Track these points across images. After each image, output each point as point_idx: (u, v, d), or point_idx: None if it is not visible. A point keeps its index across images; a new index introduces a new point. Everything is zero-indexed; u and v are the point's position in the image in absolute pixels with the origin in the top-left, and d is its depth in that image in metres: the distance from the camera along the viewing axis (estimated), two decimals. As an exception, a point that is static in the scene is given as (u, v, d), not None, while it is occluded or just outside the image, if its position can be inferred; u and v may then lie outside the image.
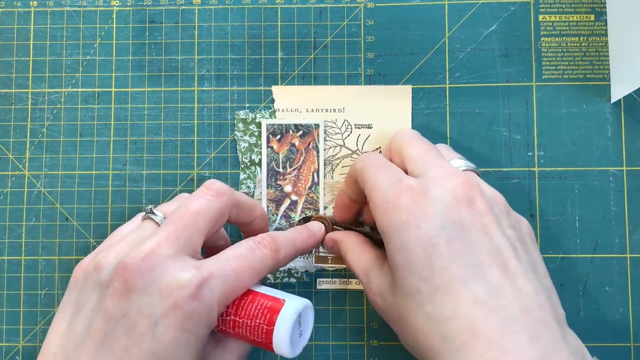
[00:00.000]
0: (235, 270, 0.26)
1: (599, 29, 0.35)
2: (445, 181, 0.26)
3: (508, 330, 0.22)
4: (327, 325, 0.34)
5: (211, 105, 0.36)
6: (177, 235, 0.26)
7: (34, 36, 0.37)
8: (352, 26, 0.36)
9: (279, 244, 0.28)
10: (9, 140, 0.36)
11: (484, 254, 0.24)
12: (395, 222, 0.25)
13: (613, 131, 0.35)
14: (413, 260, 0.24)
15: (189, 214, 0.27)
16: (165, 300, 0.24)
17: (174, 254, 0.25)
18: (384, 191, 0.26)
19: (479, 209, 0.25)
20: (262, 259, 0.27)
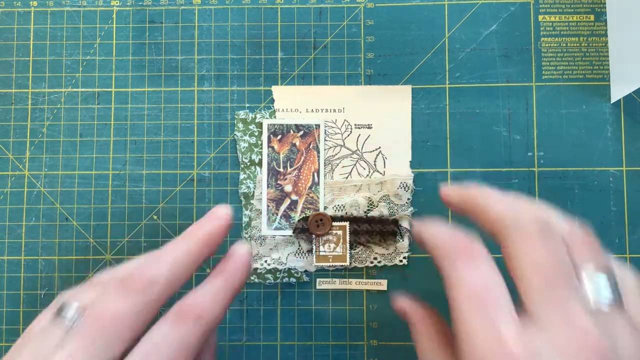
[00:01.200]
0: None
1: (599, 29, 0.35)
2: (568, 347, 0.19)
3: None
4: (327, 325, 0.34)
5: (211, 105, 0.36)
6: (86, 349, 0.21)
7: (34, 36, 0.37)
8: (352, 26, 0.36)
9: (199, 307, 0.23)
10: (9, 140, 0.36)
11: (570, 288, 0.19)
12: None
13: (613, 131, 0.35)
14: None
15: (97, 320, 0.21)
16: None
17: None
18: (474, 346, 0.19)
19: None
20: (186, 336, 0.22)
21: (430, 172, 0.35)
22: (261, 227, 0.35)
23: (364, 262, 0.35)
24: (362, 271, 0.35)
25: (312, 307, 0.35)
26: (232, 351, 0.34)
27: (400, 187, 0.35)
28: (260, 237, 0.35)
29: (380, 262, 0.34)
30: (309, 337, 0.34)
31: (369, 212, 0.35)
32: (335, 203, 0.35)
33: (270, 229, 0.35)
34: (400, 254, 0.34)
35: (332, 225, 0.34)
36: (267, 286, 0.35)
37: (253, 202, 0.35)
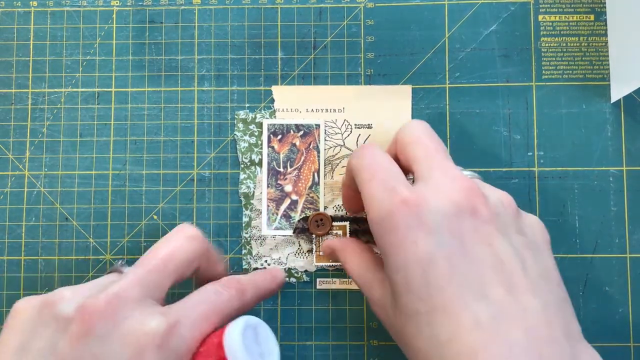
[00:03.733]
0: (202, 314, 0.25)
1: (599, 29, 0.35)
2: (447, 188, 0.24)
3: (509, 356, 0.20)
4: (327, 325, 0.34)
5: (211, 105, 0.36)
6: (144, 278, 0.24)
7: (34, 36, 0.37)
8: (352, 26, 0.36)
9: (245, 285, 0.27)
10: (9, 140, 0.36)
11: (486, 269, 0.22)
12: (392, 241, 0.23)
13: (613, 131, 0.35)
14: (411, 280, 0.23)
15: (157, 257, 0.25)
16: (128, 349, 0.22)
17: (140, 299, 0.24)
18: (378, 206, 0.24)
19: (482, 217, 0.23)
20: (229, 301, 0.26)
21: (430, 172, 0.35)
22: (261, 227, 0.35)
23: (364, 262, 0.35)
24: (362, 271, 0.35)
25: (312, 307, 0.35)
26: (232, 351, 0.34)
27: (400, 187, 0.35)
28: (260, 237, 0.35)
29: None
30: (309, 337, 0.34)
31: (369, 212, 0.35)
32: (335, 203, 0.35)
33: (271, 229, 0.35)
34: (400, 254, 0.34)
35: (333, 225, 0.34)
36: None
37: (253, 202, 0.35)
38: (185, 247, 0.26)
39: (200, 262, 0.27)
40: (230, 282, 0.27)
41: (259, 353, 0.25)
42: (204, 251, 0.27)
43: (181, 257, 0.26)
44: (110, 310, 0.23)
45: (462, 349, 0.21)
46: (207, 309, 0.25)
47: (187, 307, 0.25)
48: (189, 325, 0.24)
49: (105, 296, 0.23)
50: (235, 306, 0.26)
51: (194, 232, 0.27)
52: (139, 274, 0.25)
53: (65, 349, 0.22)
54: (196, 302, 0.25)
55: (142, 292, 0.24)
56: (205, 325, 0.25)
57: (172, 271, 0.25)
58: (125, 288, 0.24)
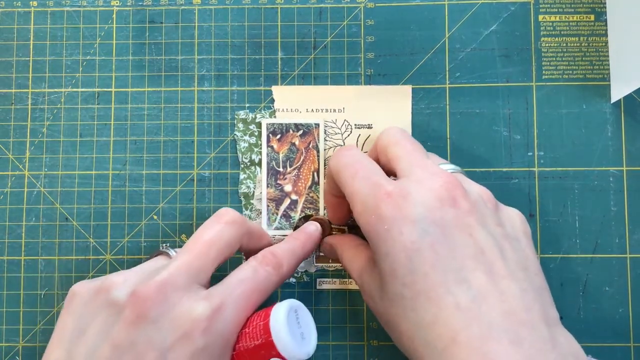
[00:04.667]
0: (244, 293, 0.26)
1: (599, 29, 0.35)
2: (428, 182, 0.25)
3: (489, 337, 0.21)
4: (327, 325, 0.34)
5: (211, 105, 0.36)
6: (190, 264, 0.26)
7: (34, 36, 0.37)
8: (352, 26, 0.36)
9: (280, 258, 0.29)
10: (9, 140, 0.36)
11: (467, 257, 0.24)
12: (378, 231, 0.25)
13: (613, 131, 0.35)
14: (396, 266, 0.24)
15: (201, 243, 0.27)
16: (176, 333, 0.24)
17: (186, 284, 0.25)
18: (364, 199, 0.26)
19: (462, 209, 0.25)
20: (267, 278, 0.27)
21: (430, 172, 0.35)
22: (261, 227, 0.35)
23: (364, 262, 0.35)
24: (362, 271, 0.35)
25: (312, 307, 0.35)
26: (232, 351, 0.34)
27: (400, 187, 0.35)
28: (260, 237, 0.35)
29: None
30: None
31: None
32: (335, 203, 0.35)
33: (271, 228, 0.35)
34: (400, 254, 0.34)
35: (332, 229, 0.34)
36: None
37: (253, 202, 0.35)
38: (226, 231, 0.28)
39: (241, 242, 0.29)
40: (267, 258, 0.28)
41: (300, 334, 0.27)
42: (244, 232, 0.29)
43: (223, 242, 0.27)
44: (160, 296, 0.24)
45: (444, 330, 0.22)
46: (247, 288, 0.26)
47: (229, 289, 0.26)
48: (232, 307, 0.25)
49: (155, 283, 0.24)
50: (274, 281, 0.28)
51: (233, 216, 0.28)
52: (185, 260, 0.26)
53: (119, 333, 0.24)
54: (236, 283, 0.26)
55: (188, 278, 0.25)
56: (248, 305, 0.26)
57: (214, 256, 0.27)
58: (174, 274, 0.25)
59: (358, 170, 0.27)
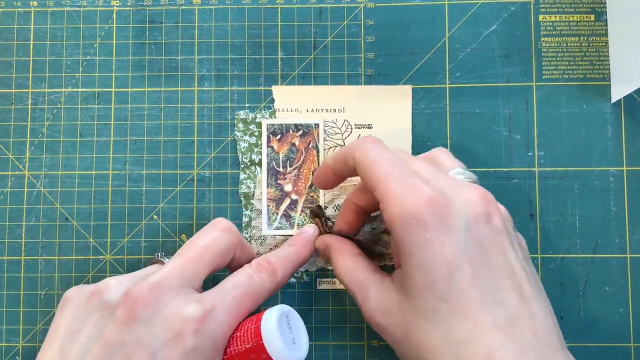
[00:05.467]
0: (237, 298, 0.26)
1: (599, 29, 0.35)
2: (465, 192, 0.25)
3: (523, 356, 0.22)
4: (327, 325, 0.34)
5: (211, 105, 0.36)
6: (184, 267, 0.26)
7: (34, 36, 0.37)
8: (352, 26, 0.36)
9: (275, 265, 0.29)
10: (9, 140, 0.36)
11: (503, 276, 0.24)
12: (417, 239, 0.24)
13: (613, 131, 0.35)
14: (435, 280, 0.23)
15: (196, 248, 0.27)
16: (167, 333, 0.24)
17: (179, 287, 0.26)
18: (401, 201, 0.24)
19: (496, 226, 0.24)
20: (261, 284, 0.28)
21: (430, 172, 0.35)
22: (261, 227, 0.35)
23: (364, 262, 0.35)
24: (362, 271, 0.35)
25: (312, 307, 0.35)
26: (232, 351, 0.34)
27: (400, 187, 0.35)
28: (261, 237, 0.35)
29: (381, 262, 0.34)
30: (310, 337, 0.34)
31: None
32: (335, 203, 0.35)
33: (271, 228, 0.35)
34: (400, 254, 0.34)
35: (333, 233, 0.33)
36: None
37: (253, 202, 0.35)
38: (221, 239, 0.28)
39: (234, 252, 0.29)
40: (262, 265, 0.28)
41: (291, 339, 0.27)
42: (237, 242, 0.29)
43: (217, 249, 0.28)
44: (152, 297, 0.25)
45: (480, 348, 0.22)
46: (241, 293, 0.27)
47: (222, 292, 0.26)
48: (224, 310, 0.26)
49: (148, 284, 0.25)
50: (268, 288, 0.28)
51: (228, 225, 0.29)
52: (178, 264, 0.26)
53: (111, 333, 0.24)
54: (230, 288, 0.27)
55: (181, 281, 0.26)
56: (240, 310, 0.26)
57: (208, 261, 0.27)
58: (166, 277, 0.26)
59: (393, 168, 0.26)
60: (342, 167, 0.29)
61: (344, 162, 0.29)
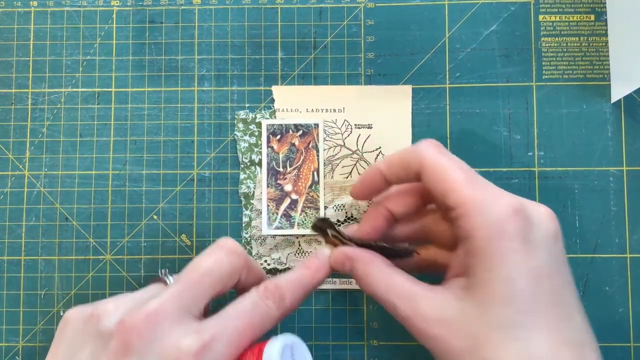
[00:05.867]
0: (238, 328, 0.25)
1: (599, 29, 0.35)
2: (535, 207, 0.25)
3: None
4: (327, 325, 0.34)
5: (211, 105, 0.36)
6: (182, 294, 0.25)
7: (34, 36, 0.37)
8: (352, 26, 0.36)
9: (284, 291, 0.26)
10: (9, 140, 0.36)
11: (573, 296, 0.24)
12: (501, 250, 0.23)
13: (613, 131, 0.35)
14: (518, 293, 0.23)
15: (197, 272, 0.26)
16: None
17: (177, 315, 0.24)
18: (485, 210, 0.24)
19: (563, 247, 0.25)
20: (266, 313, 0.26)
21: (430, 172, 0.35)
22: (261, 227, 0.35)
23: (364, 262, 0.34)
24: (362, 271, 0.35)
25: (312, 307, 0.35)
26: (232, 351, 0.34)
27: (400, 187, 0.35)
28: (261, 237, 0.35)
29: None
30: (309, 337, 0.34)
31: (369, 212, 0.34)
32: (335, 203, 0.35)
33: (271, 228, 0.35)
34: (400, 254, 0.34)
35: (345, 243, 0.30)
36: None
37: (253, 202, 0.35)
38: (225, 261, 0.26)
39: (240, 274, 0.27)
40: (269, 290, 0.26)
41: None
42: (243, 264, 0.27)
43: (220, 272, 0.26)
44: (147, 327, 0.23)
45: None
46: (244, 323, 0.25)
47: (223, 322, 0.24)
48: (225, 341, 0.24)
49: (143, 313, 0.23)
50: (275, 316, 0.26)
51: (234, 246, 0.27)
52: (177, 290, 0.25)
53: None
54: (233, 316, 0.25)
55: (179, 308, 0.24)
56: (242, 340, 0.25)
57: (210, 286, 0.25)
58: (163, 304, 0.24)
59: (469, 176, 0.25)
60: (400, 173, 0.28)
61: (403, 167, 0.28)
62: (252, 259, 0.29)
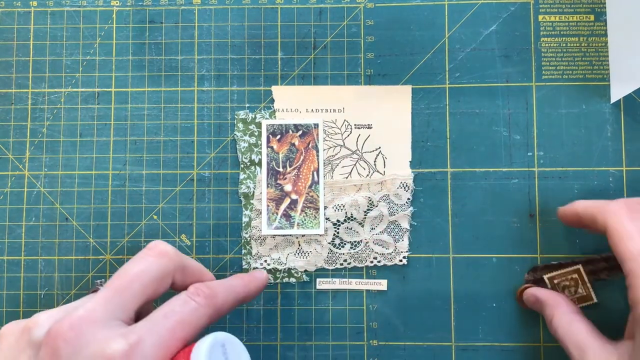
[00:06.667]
0: (167, 328, 0.24)
1: (599, 29, 0.35)
2: None
3: None
4: (327, 325, 0.34)
5: (211, 105, 0.36)
6: (109, 300, 0.25)
7: (34, 36, 0.37)
8: (352, 26, 0.36)
9: (215, 290, 0.27)
10: (9, 140, 0.36)
11: None
12: None
13: (613, 131, 0.35)
14: None
15: (125, 277, 0.25)
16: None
17: (104, 321, 0.24)
18: None
19: None
20: (196, 310, 0.26)
21: (430, 172, 0.35)
22: (261, 227, 0.35)
23: (364, 262, 0.35)
24: (362, 271, 0.35)
25: (312, 307, 0.35)
26: (232, 351, 0.34)
27: (400, 187, 0.35)
28: (260, 237, 0.35)
29: (380, 262, 0.34)
30: (309, 337, 0.34)
31: (369, 211, 0.35)
32: (335, 203, 0.35)
33: (271, 228, 0.35)
34: (400, 254, 0.34)
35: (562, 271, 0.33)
36: (267, 286, 0.35)
37: (253, 202, 0.35)
38: (154, 265, 0.26)
39: (174, 277, 0.27)
40: (198, 289, 0.26)
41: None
42: (176, 266, 0.27)
43: (149, 276, 0.26)
44: (73, 334, 0.23)
45: None
46: (173, 322, 0.25)
47: (150, 323, 0.24)
48: (153, 342, 0.24)
49: (69, 320, 0.24)
50: (206, 314, 0.26)
51: (164, 249, 0.27)
52: (103, 296, 0.25)
53: None
54: (161, 317, 0.25)
55: (106, 314, 0.24)
56: (172, 340, 0.24)
57: (139, 290, 0.25)
58: (89, 310, 0.24)
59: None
60: (589, 223, 0.30)
61: (592, 219, 0.29)
62: (191, 261, 0.29)
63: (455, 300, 0.34)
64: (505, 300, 0.34)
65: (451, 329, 0.34)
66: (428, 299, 0.34)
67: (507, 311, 0.34)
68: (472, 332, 0.34)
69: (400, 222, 0.35)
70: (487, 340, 0.34)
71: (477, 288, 0.34)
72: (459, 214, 0.35)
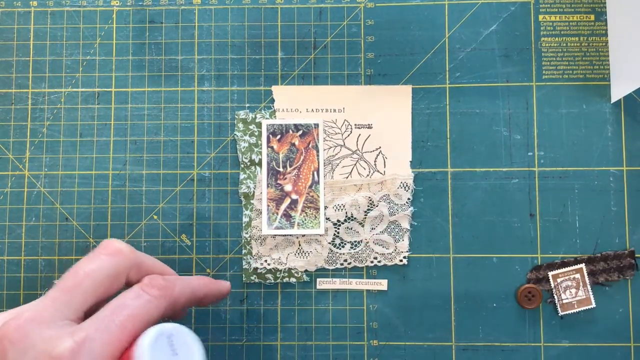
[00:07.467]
0: (116, 323, 0.24)
1: (599, 29, 0.35)
2: None
3: None
4: (327, 325, 0.34)
5: (211, 105, 0.36)
6: (57, 299, 0.24)
7: (34, 36, 0.37)
8: (352, 26, 0.36)
9: (172, 282, 0.26)
10: (9, 140, 0.36)
11: None
12: None
13: (613, 131, 0.35)
14: None
15: (75, 277, 0.25)
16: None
17: (50, 321, 0.23)
18: None
19: None
20: (150, 302, 0.25)
21: (430, 172, 0.35)
22: (261, 227, 0.35)
23: (364, 262, 0.35)
24: (362, 271, 0.35)
25: (312, 307, 0.35)
26: (232, 351, 0.34)
27: (400, 187, 0.35)
28: (261, 237, 0.35)
29: (381, 262, 0.34)
30: (309, 337, 0.34)
31: (369, 211, 0.35)
32: (335, 202, 0.35)
33: (271, 228, 0.35)
34: (400, 254, 0.34)
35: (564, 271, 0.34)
36: (267, 286, 0.35)
37: (253, 202, 0.35)
38: (106, 264, 0.26)
39: (129, 275, 0.27)
40: (154, 281, 0.26)
41: (173, 352, 0.24)
42: (130, 264, 0.27)
43: (100, 274, 0.25)
44: (19, 335, 0.23)
45: None
46: (124, 316, 0.24)
47: (99, 320, 0.24)
48: (101, 339, 0.23)
49: (15, 320, 0.23)
50: (160, 306, 0.25)
51: (118, 247, 0.26)
52: (51, 296, 0.24)
53: None
54: (111, 312, 0.24)
55: (55, 314, 0.24)
56: (123, 335, 0.24)
57: (89, 289, 0.25)
58: (36, 310, 0.24)
59: None
60: None
61: None
62: (149, 259, 0.28)
63: (456, 300, 0.34)
64: (505, 300, 0.34)
65: (451, 329, 0.34)
66: (428, 299, 0.34)
67: (507, 311, 0.34)
68: (472, 332, 0.34)
69: (400, 222, 0.35)
70: (487, 340, 0.34)
71: (477, 288, 0.34)
72: (459, 214, 0.35)
